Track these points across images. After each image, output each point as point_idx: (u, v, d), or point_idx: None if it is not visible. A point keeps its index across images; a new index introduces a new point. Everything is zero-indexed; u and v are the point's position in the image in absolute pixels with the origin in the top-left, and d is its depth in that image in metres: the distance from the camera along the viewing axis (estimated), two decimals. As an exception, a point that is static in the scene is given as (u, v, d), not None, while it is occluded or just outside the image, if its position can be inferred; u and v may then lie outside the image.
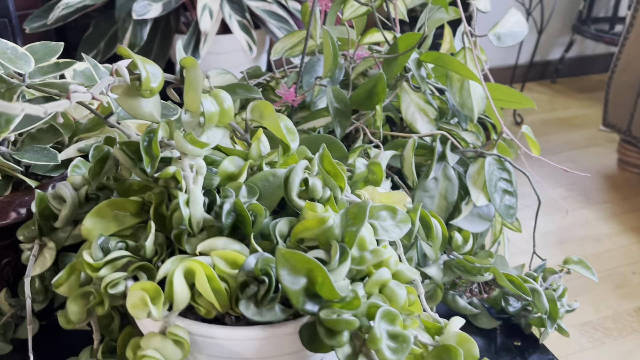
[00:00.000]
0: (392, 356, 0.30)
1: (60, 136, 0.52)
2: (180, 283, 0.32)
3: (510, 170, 0.59)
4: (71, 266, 0.38)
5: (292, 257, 0.30)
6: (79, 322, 0.38)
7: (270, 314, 0.32)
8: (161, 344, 0.32)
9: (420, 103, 0.60)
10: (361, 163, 0.47)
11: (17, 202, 0.46)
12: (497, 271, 0.51)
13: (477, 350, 0.36)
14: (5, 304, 0.49)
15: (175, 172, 0.38)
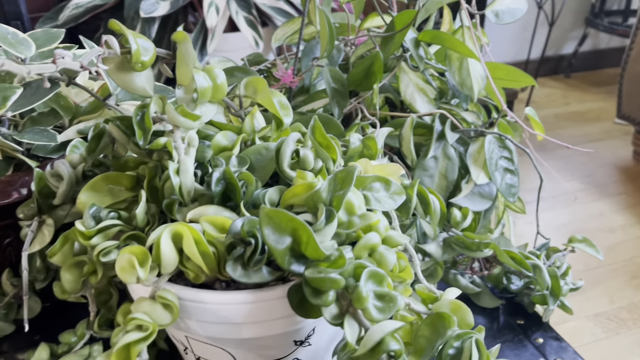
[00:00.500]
0: (378, 315, 0.30)
1: (61, 119, 0.53)
2: (168, 246, 0.32)
3: (511, 149, 0.58)
4: (65, 236, 0.38)
5: (276, 215, 0.30)
6: (74, 291, 0.38)
7: (257, 276, 0.32)
8: (150, 308, 0.32)
9: (419, 83, 0.60)
10: (356, 138, 0.47)
11: (18, 182, 0.47)
12: (497, 247, 0.51)
13: (471, 317, 0.36)
14: (7, 284, 0.50)
15: (167, 142, 0.38)
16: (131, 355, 0.31)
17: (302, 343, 0.38)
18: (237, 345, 0.36)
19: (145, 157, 0.42)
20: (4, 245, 0.49)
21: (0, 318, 0.50)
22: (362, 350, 0.29)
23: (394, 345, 0.29)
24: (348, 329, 0.30)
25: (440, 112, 0.58)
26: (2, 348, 0.52)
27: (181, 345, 0.39)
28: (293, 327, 0.35)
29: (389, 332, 0.29)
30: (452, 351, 0.34)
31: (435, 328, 0.34)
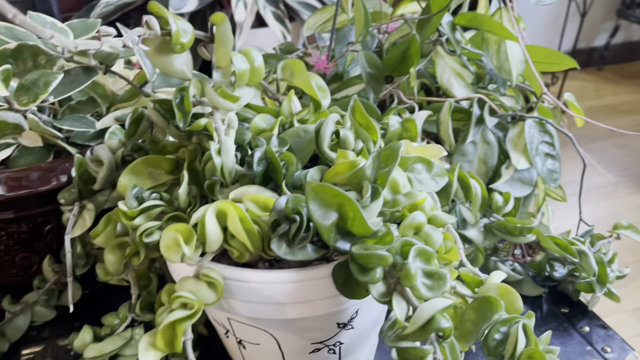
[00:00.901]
0: (427, 293, 0.29)
1: (98, 107, 0.53)
2: (212, 223, 0.31)
3: (552, 133, 0.57)
4: (107, 217, 0.38)
5: (322, 190, 0.29)
6: (117, 273, 0.38)
7: (302, 253, 0.31)
8: (195, 286, 0.32)
9: (456, 67, 0.58)
10: (395, 120, 0.46)
11: (58, 169, 0.47)
12: (540, 233, 0.49)
13: (520, 302, 0.34)
14: (49, 271, 0.50)
15: (207, 123, 0.38)
16: (177, 333, 0.31)
17: (345, 326, 0.37)
18: (280, 326, 0.36)
19: (185, 140, 0.42)
20: (45, 232, 0.49)
21: (42, 304, 0.51)
22: (411, 328, 0.28)
23: (444, 323, 0.28)
24: (397, 307, 0.29)
25: (478, 96, 0.56)
26: (43, 334, 0.53)
27: (222, 328, 0.39)
28: (336, 308, 0.35)
29: (439, 309, 0.28)
30: (498, 336, 0.33)
31: (481, 312, 0.33)
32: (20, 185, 0.46)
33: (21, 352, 0.51)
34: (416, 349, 0.29)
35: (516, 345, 0.30)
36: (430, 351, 0.29)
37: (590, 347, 0.48)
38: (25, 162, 0.48)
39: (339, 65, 0.62)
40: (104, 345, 0.38)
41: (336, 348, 0.39)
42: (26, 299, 0.51)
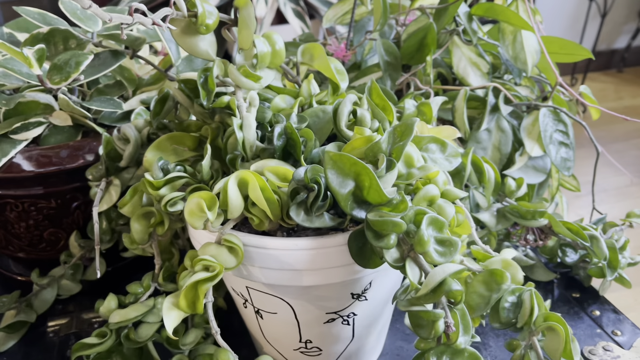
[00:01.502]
0: (439, 258, 0.30)
1: (124, 91, 0.55)
2: (234, 191, 0.33)
3: (566, 122, 0.57)
4: (134, 188, 0.40)
5: (340, 159, 0.31)
6: (142, 242, 0.40)
7: (319, 221, 0.33)
8: (216, 251, 0.34)
9: (472, 56, 0.60)
10: (410, 104, 0.47)
11: (86, 148, 0.50)
12: (552, 217, 0.50)
13: (521, 274, 0.36)
14: (75, 246, 0.52)
15: (230, 100, 0.40)
16: (199, 294, 0.33)
17: (359, 297, 0.38)
18: (296, 294, 0.37)
19: (208, 118, 0.44)
20: (73, 208, 0.52)
21: (68, 278, 0.53)
22: (424, 290, 0.29)
23: (455, 286, 0.29)
24: (410, 272, 0.30)
25: (493, 85, 0.57)
26: (68, 308, 0.55)
27: (241, 298, 0.41)
28: (351, 277, 0.36)
29: (450, 273, 0.30)
30: (507, 305, 0.34)
31: (488, 285, 0.34)
32: (50, 162, 0.48)
33: (47, 324, 0.53)
34: (428, 312, 0.30)
35: (532, 310, 0.31)
36: (441, 315, 0.31)
37: (601, 330, 0.48)
38: (55, 140, 0.50)
39: (357, 54, 0.63)
40: (128, 311, 0.40)
41: (350, 319, 0.40)
42: (53, 273, 0.53)
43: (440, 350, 0.30)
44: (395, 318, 0.51)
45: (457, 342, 0.30)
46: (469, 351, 0.30)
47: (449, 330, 0.29)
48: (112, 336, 0.40)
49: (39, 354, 0.50)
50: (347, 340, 0.42)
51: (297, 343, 0.41)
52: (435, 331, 0.30)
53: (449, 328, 0.30)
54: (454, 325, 0.30)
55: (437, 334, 0.30)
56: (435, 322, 0.31)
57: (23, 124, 0.48)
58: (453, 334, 0.31)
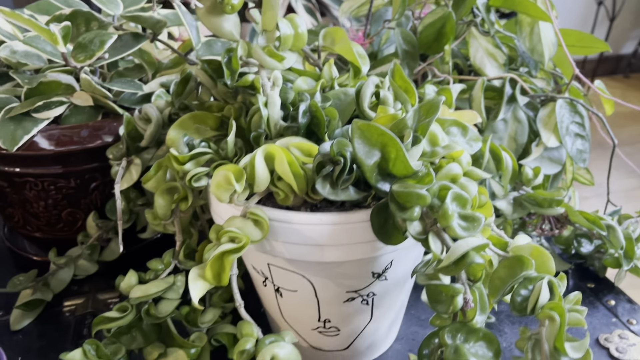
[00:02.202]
0: (463, 232, 0.30)
1: (144, 74, 0.56)
2: (261, 164, 0.33)
3: (582, 114, 0.58)
4: (158, 163, 0.41)
5: (368, 128, 0.31)
6: (164, 217, 0.40)
7: (344, 194, 0.33)
8: (242, 224, 0.34)
9: (489, 47, 0.60)
10: (431, 89, 0.48)
11: (106, 128, 0.50)
12: (569, 206, 0.51)
13: (553, 264, 0.35)
14: (92, 227, 0.53)
15: (254, 79, 0.40)
16: (224, 265, 0.33)
17: (380, 276, 0.39)
18: (318, 271, 0.37)
19: (231, 98, 0.44)
20: (91, 188, 0.52)
21: (85, 258, 0.53)
22: (446, 262, 0.30)
23: (478, 259, 0.29)
24: (432, 244, 0.31)
25: (510, 76, 0.58)
26: (84, 288, 0.56)
27: (261, 276, 0.41)
28: (372, 254, 0.36)
29: (473, 246, 0.30)
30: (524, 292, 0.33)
31: (512, 270, 0.34)
32: (70, 141, 0.49)
33: (63, 304, 0.54)
34: (448, 286, 0.30)
35: (538, 298, 0.31)
36: (461, 290, 0.31)
37: (616, 319, 0.49)
38: (75, 120, 0.50)
39: (374, 44, 0.64)
40: (149, 286, 0.40)
41: (369, 299, 0.40)
42: (70, 253, 0.53)
43: (456, 327, 0.30)
44: (411, 304, 0.51)
45: (474, 320, 0.30)
46: (483, 331, 0.30)
47: (468, 306, 0.30)
48: (133, 311, 0.40)
49: (55, 332, 0.50)
50: (365, 321, 0.42)
51: (316, 322, 0.41)
52: (454, 307, 0.30)
53: (467, 304, 0.30)
54: (472, 301, 0.30)
55: (455, 309, 0.30)
56: (454, 297, 0.31)
57: (45, 103, 0.49)
58: (470, 312, 0.31)
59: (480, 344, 0.31)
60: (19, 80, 0.49)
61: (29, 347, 0.49)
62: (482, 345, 0.31)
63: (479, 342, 0.31)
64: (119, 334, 0.40)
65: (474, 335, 0.32)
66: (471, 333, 0.32)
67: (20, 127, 0.48)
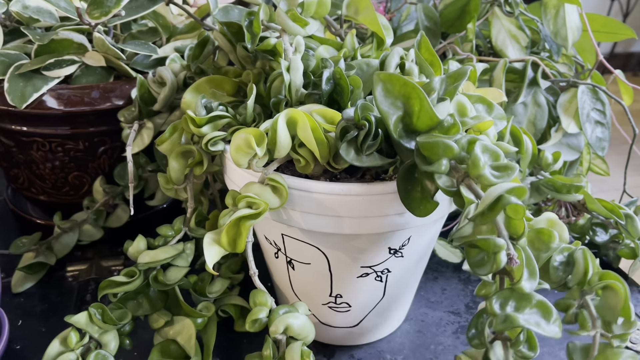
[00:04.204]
0: (495, 180, 0.28)
1: (158, 38, 0.54)
2: (284, 129, 0.32)
3: (604, 101, 0.56)
4: (173, 125, 0.39)
5: (389, 79, 0.29)
6: (178, 182, 0.39)
7: (369, 160, 0.32)
8: (260, 190, 0.33)
9: (512, 29, 0.58)
10: (455, 65, 0.46)
11: (117, 90, 0.49)
12: (587, 193, 0.49)
13: (567, 234, 0.34)
14: (99, 192, 0.52)
15: (277, 43, 0.39)
16: (241, 231, 0.32)
17: (396, 252, 0.38)
18: (334, 244, 0.36)
19: (249, 64, 0.43)
20: (99, 152, 0.51)
21: (90, 223, 0.52)
22: (480, 208, 0.27)
23: (514, 199, 0.27)
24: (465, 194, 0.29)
25: (532, 59, 0.56)
26: (88, 254, 0.55)
27: (273, 247, 0.40)
28: (392, 229, 0.35)
29: (507, 189, 0.27)
30: (557, 264, 0.33)
31: (534, 244, 0.33)
32: (81, 101, 0.47)
33: (66, 269, 0.53)
34: (488, 240, 0.28)
35: (587, 269, 0.30)
36: (503, 245, 0.28)
37: (629, 310, 0.48)
38: (86, 81, 0.49)
39: (393, 20, 0.62)
40: (158, 252, 0.39)
41: (383, 276, 0.39)
42: (75, 217, 0.52)
43: (505, 295, 0.28)
44: (421, 286, 0.51)
45: (522, 283, 0.28)
46: (537, 298, 0.28)
47: (513, 263, 0.27)
48: (140, 277, 0.39)
49: (57, 296, 0.49)
50: (377, 298, 0.41)
51: (327, 297, 0.40)
52: (497, 264, 0.27)
53: (512, 261, 0.27)
54: (518, 258, 0.28)
55: (499, 267, 0.27)
56: (496, 253, 0.28)
57: (56, 61, 0.47)
58: (517, 272, 0.28)
59: (534, 312, 0.28)
60: (30, 37, 0.47)
61: (31, 310, 0.48)
62: (537, 313, 0.28)
63: (532, 309, 0.28)
64: (125, 299, 0.39)
65: (526, 303, 0.28)
66: (523, 301, 0.28)
67: (30, 84, 0.46)
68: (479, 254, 0.29)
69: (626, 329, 0.31)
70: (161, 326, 0.40)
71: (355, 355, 0.44)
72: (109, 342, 0.38)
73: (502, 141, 0.48)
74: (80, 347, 0.36)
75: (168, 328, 0.40)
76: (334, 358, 0.43)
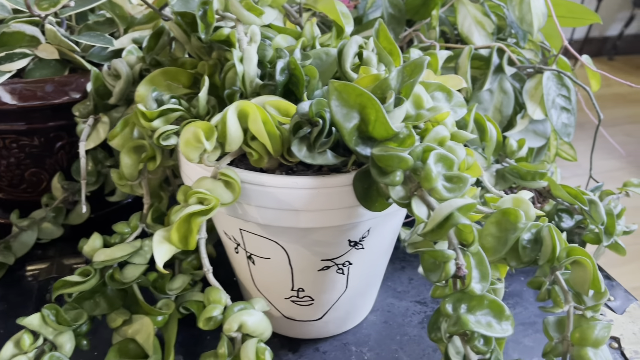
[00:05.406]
0: (447, 194, 0.29)
1: (115, 29, 0.53)
2: (234, 121, 0.31)
3: (569, 87, 0.56)
4: (125, 120, 0.38)
5: (345, 89, 0.29)
6: (131, 178, 0.38)
7: (321, 158, 0.31)
8: (212, 185, 0.32)
9: (478, 15, 0.58)
10: (416, 53, 0.46)
11: (73, 83, 0.47)
12: (552, 180, 0.49)
13: (534, 211, 0.34)
14: (58, 188, 0.50)
15: (230, 33, 0.38)
16: (192, 228, 0.31)
17: (357, 245, 0.37)
18: (292, 238, 0.36)
19: (205, 55, 0.42)
20: (56, 148, 0.49)
21: (49, 221, 0.51)
22: (430, 225, 0.28)
23: (463, 220, 0.28)
24: (416, 208, 0.29)
25: (498, 45, 0.56)
26: (49, 253, 0.53)
27: (233, 242, 0.39)
28: (350, 221, 0.34)
29: (458, 207, 0.28)
30: (525, 242, 0.32)
31: (501, 225, 0.33)
32: (34, 95, 0.46)
33: (26, 268, 0.51)
34: (437, 251, 0.29)
35: (554, 246, 0.30)
36: (452, 256, 0.29)
37: (594, 295, 0.48)
38: (40, 75, 0.47)
39: (359, 8, 0.61)
40: (114, 250, 0.38)
41: (345, 268, 0.39)
42: (34, 215, 0.51)
43: (457, 297, 0.29)
44: (387, 276, 0.50)
45: (471, 286, 0.29)
46: (489, 298, 0.28)
47: (461, 272, 0.28)
48: (96, 276, 0.38)
49: (17, 296, 0.48)
50: (340, 290, 0.40)
51: (289, 291, 0.40)
52: (446, 273, 0.28)
53: (460, 270, 0.28)
54: (466, 267, 0.28)
55: (447, 276, 0.28)
56: (446, 263, 0.29)
57: (7, 54, 0.46)
58: (466, 278, 0.29)
59: (485, 312, 0.29)
60: (-22, 29, 0.46)
61: (-11, 312, 0.46)
62: (489, 313, 0.29)
63: (484, 310, 0.29)
64: (81, 299, 0.38)
65: (478, 304, 0.29)
66: (475, 302, 0.29)
67: (-20, 79, 0.45)
68: (430, 261, 0.29)
69: (597, 299, 0.32)
70: (119, 325, 0.39)
71: (320, 348, 0.43)
72: (64, 343, 0.37)
73: (466, 129, 0.48)
74: (34, 349, 0.36)
75: (127, 327, 0.39)
76: (298, 352, 0.43)
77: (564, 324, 0.33)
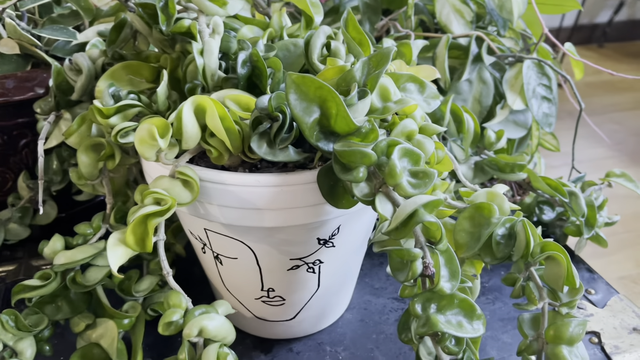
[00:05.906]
0: (412, 190, 0.27)
1: (80, 22, 0.51)
2: (190, 117, 0.30)
3: (550, 76, 0.55)
4: (82, 117, 0.37)
5: (304, 82, 0.28)
6: (91, 177, 0.37)
7: (283, 154, 0.30)
8: (169, 184, 0.30)
9: (456, 3, 0.56)
10: (389, 43, 0.44)
11: (36, 79, 0.45)
12: (531, 171, 0.48)
13: (508, 206, 0.33)
14: (23, 188, 0.49)
15: (191, 25, 0.36)
16: (148, 230, 0.29)
17: (326, 243, 0.36)
18: (258, 237, 0.34)
19: (168, 48, 0.40)
20: (20, 146, 0.48)
21: (16, 221, 0.49)
22: (394, 224, 0.27)
23: (428, 217, 0.27)
24: (380, 206, 0.28)
25: (476, 34, 0.55)
26: (17, 254, 0.52)
27: (199, 242, 0.38)
28: (317, 219, 0.33)
29: (422, 203, 0.27)
30: (499, 238, 0.32)
31: (474, 220, 0.32)
32: (-5, 92, 0.44)
33: (-6, 270, 0.50)
34: (403, 250, 0.28)
35: (528, 241, 0.29)
36: (419, 254, 0.28)
37: (575, 289, 0.47)
38: (1, 71, 0.46)
39: (335, -3, 0.60)
40: (75, 252, 0.37)
41: (315, 267, 0.37)
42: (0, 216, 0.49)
43: (426, 297, 0.28)
44: (364, 272, 0.49)
45: (440, 285, 0.27)
46: (459, 297, 0.27)
47: (428, 271, 0.27)
48: (57, 279, 0.37)
49: (-17, 300, 0.47)
50: (311, 290, 0.39)
51: (259, 291, 0.39)
52: (413, 272, 0.27)
53: (427, 269, 0.27)
54: (435, 266, 0.27)
55: (414, 275, 0.27)
56: (412, 262, 0.28)
57: (-36, 50, 0.44)
58: (435, 277, 0.28)
59: (456, 312, 0.28)
60: None
61: (-47, 317, 0.45)
62: (459, 313, 0.28)
63: (455, 309, 0.28)
64: (41, 303, 0.37)
65: (448, 304, 0.28)
66: (444, 301, 0.28)
67: None
68: (397, 260, 0.28)
69: (572, 296, 0.32)
70: (82, 330, 0.37)
71: (294, 348, 0.42)
72: (24, 349, 0.35)
73: (442, 121, 0.46)
74: (-8, 357, 0.34)
75: (91, 331, 0.38)
76: (271, 353, 0.42)
77: (539, 321, 0.32)
